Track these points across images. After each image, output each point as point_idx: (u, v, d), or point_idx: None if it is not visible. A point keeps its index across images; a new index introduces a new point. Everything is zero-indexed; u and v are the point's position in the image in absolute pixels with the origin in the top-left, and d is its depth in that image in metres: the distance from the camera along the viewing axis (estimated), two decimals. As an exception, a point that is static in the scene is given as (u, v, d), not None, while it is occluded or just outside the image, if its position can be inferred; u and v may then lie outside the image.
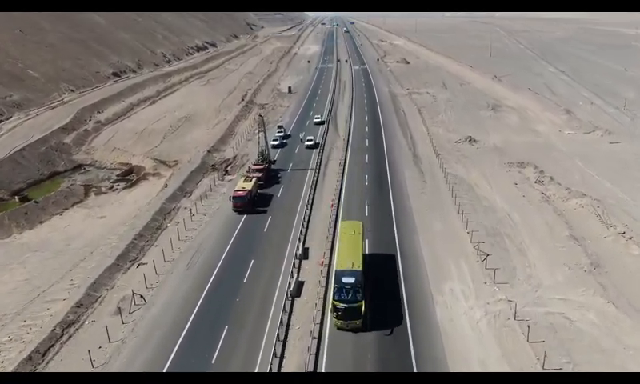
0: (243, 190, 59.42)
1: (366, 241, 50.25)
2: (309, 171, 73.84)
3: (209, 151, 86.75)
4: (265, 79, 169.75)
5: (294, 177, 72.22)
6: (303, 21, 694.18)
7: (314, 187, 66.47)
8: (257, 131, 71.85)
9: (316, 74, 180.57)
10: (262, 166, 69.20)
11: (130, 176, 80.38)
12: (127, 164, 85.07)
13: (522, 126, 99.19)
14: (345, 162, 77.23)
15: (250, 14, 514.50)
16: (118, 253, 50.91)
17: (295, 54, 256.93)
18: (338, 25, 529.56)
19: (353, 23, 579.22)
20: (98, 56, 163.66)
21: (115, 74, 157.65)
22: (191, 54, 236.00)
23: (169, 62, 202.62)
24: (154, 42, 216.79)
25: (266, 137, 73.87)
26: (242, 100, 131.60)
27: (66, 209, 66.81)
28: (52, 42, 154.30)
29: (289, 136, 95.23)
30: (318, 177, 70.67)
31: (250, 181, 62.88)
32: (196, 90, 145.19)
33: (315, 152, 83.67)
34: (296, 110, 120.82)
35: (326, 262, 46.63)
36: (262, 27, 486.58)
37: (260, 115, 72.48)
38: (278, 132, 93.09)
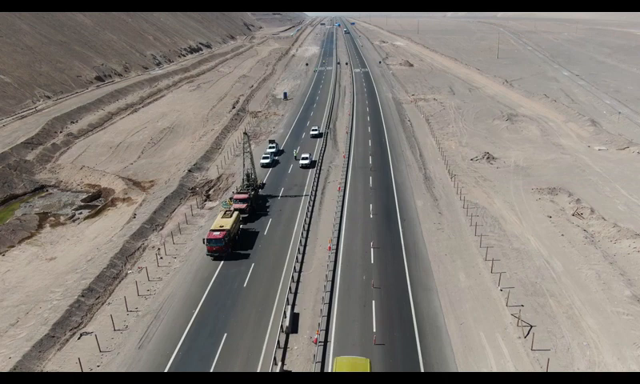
0: (220, 230, 48.39)
1: (372, 304, 39.36)
2: (303, 198, 62.85)
3: (190, 170, 75.72)
4: (259, 83, 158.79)
5: (286, 205, 61.20)
6: (302, 21, 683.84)
7: (308, 222, 55.47)
8: (243, 150, 60.81)
9: (314, 77, 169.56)
10: (245, 196, 58.02)
11: (96, 201, 69.37)
12: (95, 186, 74.03)
13: (544, 140, 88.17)
14: (345, 187, 66.25)
15: (248, 13, 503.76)
16: (57, 317, 39.95)
17: (293, 55, 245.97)
18: (339, 25, 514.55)
19: (353, 23, 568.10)
20: (80, 59, 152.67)
21: (99, 79, 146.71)
22: (184, 55, 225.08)
23: (159, 64, 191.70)
24: (144, 44, 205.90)
25: (252, 158, 62.88)
26: (233, 107, 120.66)
27: (12, 246, 55.83)
28: (30, 44, 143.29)
29: (281, 152, 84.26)
30: (313, 207, 59.72)
31: (230, 216, 51.88)
32: (184, 96, 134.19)
33: (311, 172, 72.69)
34: (291, 119, 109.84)
35: (321, 338, 35.66)
36: (260, 28, 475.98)
37: (245, 133, 61.31)
38: (270, 147, 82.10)
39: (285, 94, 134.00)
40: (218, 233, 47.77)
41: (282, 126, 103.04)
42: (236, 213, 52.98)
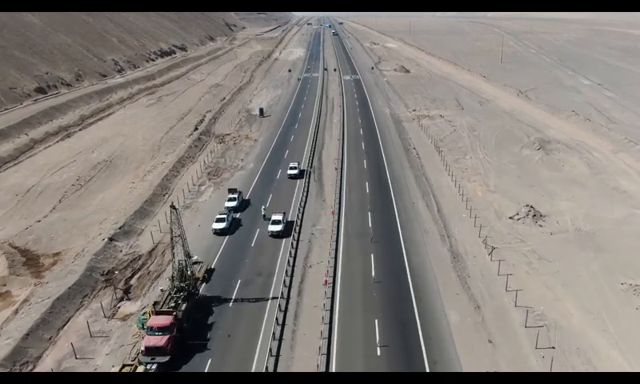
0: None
1: None
2: (269, 305, 40.11)
3: (112, 238, 52.68)
4: (234, 95, 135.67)
5: (240, 322, 38.41)
6: (288, 21, 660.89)
7: (274, 363, 32.86)
8: (171, 235, 37.84)
9: (298, 87, 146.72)
10: (168, 321, 34.51)
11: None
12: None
13: (597, 182, 66.50)
14: (335, 278, 43.61)
15: (231, 13, 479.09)
16: None
17: (276, 59, 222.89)
18: (329, 26, 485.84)
19: (341, 23, 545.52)
20: (19, 67, 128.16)
21: (40, 91, 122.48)
22: (152, 60, 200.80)
23: (120, 71, 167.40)
24: (106, 47, 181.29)
25: (184, 243, 39.67)
26: (195, 129, 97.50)
27: None
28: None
29: (246, 203, 61.30)
30: (284, 326, 37.05)
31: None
32: (138, 113, 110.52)
33: (285, 244, 50.04)
34: (266, 146, 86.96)
35: None
36: (244, 28, 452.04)
37: (172, 207, 38.06)
38: (229, 200, 59.16)
39: (261, 109, 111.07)
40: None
41: (253, 158, 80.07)
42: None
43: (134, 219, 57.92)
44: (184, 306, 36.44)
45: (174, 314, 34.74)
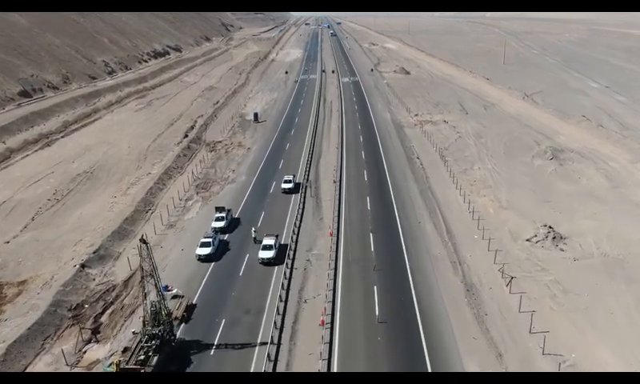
0: None
1: None
2: (256, 352, 34.59)
3: (85, 264, 47.23)
4: (228, 98, 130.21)
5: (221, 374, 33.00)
6: (286, 21, 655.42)
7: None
8: (141, 274, 32.27)
9: (294, 90, 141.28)
10: None
11: None
12: None
13: (618, 196, 61.19)
14: (333, 319, 38.08)
15: (228, 13, 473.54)
16: None
17: (272, 60, 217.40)
18: (328, 26, 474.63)
19: (340, 23, 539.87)
20: (2, 69, 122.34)
21: (24, 94, 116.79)
22: (145, 61, 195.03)
23: (111, 73, 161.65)
24: (96, 48, 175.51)
25: (157, 282, 34.03)
26: (185, 136, 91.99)
27: None
28: None
29: (236, 222, 55.76)
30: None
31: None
32: (126, 118, 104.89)
33: (276, 275, 44.52)
34: (259, 155, 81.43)
35: None
36: (240, 28, 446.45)
37: (143, 240, 32.46)
38: (217, 219, 53.62)
39: (255, 114, 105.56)
40: None
41: (245, 169, 74.53)
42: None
43: (111, 241, 52.41)
44: (155, 358, 30.93)
45: (142, 371, 29.21)
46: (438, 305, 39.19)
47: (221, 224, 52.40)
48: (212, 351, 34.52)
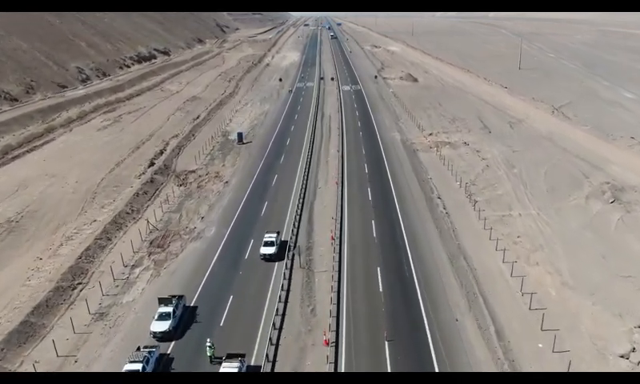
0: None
1: None
2: None
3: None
4: (211, 112, 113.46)
5: None
6: (285, 21, 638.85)
7: None
8: None
9: (288, 101, 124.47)
10: None
11: None
12: None
13: None
14: None
15: (224, 13, 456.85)
16: None
17: (267, 65, 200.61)
18: (329, 27, 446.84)
19: (340, 24, 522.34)
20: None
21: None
22: (128, 66, 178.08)
23: (85, 80, 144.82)
24: (71, 53, 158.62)
25: None
26: (152, 164, 75.21)
27: None
28: None
29: (190, 315, 38.70)
30: None
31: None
32: (83, 140, 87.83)
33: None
34: (237, 195, 64.38)
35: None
36: (237, 29, 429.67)
37: None
38: (160, 317, 36.50)
39: (240, 135, 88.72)
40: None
41: (218, 216, 57.59)
42: None
43: (5, 347, 35.71)
44: None
45: None
46: None
47: (164, 326, 35.52)
48: None
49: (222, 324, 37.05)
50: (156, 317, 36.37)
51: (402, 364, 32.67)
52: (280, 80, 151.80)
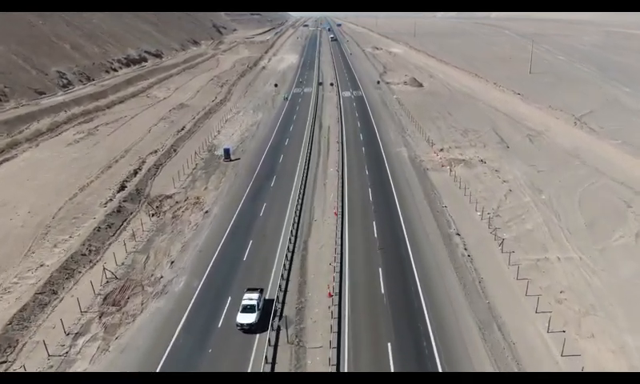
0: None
1: None
2: None
3: None
4: (198, 122, 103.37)
5: None
6: (284, 22, 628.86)
7: None
8: None
9: (284, 110, 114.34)
10: None
11: None
12: None
13: None
14: None
15: (221, 14, 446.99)
16: None
17: (263, 68, 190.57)
18: (329, 28, 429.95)
19: (340, 25, 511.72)
20: None
21: None
22: (115, 70, 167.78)
23: (66, 85, 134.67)
24: (52, 56, 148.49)
25: None
26: (122, 187, 65.10)
27: None
28: None
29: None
30: None
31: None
32: (48, 157, 77.44)
33: None
34: (218, 229, 54.05)
35: None
36: (234, 30, 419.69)
37: None
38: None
39: (227, 151, 78.58)
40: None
41: (191, 262, 47.25)
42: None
43: None
44: None
45: None
46: None
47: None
48: None
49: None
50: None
51: None
52: (276, 85, 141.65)
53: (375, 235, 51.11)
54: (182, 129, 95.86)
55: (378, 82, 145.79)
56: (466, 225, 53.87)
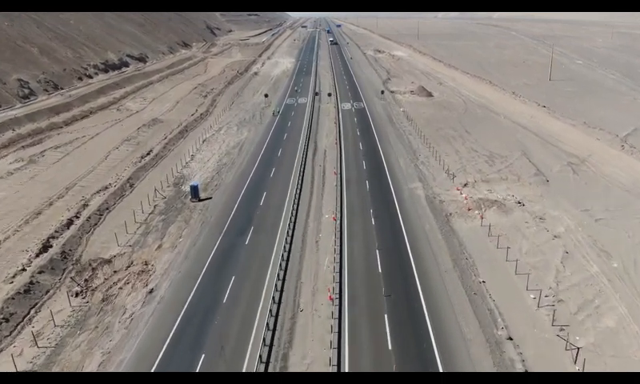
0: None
1: None
2: None
3: None
4: (169, 143, 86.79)
5: None
6: (282, 23, 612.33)
7: None
8: None
9: (273, 127, 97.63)
10: None
11: None
12: None
13: None
14: None
15: (216, 14, 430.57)
16: None
17: (255, 74, 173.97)
18: (329, 31, 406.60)
19: (339, 26, 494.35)
20: None
21: None
22: (90, 77, 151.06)
23: (27, 96, 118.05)
24: (16, 62, 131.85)
25: None
26: (45, 248, 48.38)
27: None
28: None
29: None
30: None
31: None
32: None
33: None
34: (162, 324, 37.35)
35: None
36: (230, 31, 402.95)
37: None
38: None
39: (195, 188, 61.74)
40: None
41: None
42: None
43: None
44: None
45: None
46: None
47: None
48: None
49: None
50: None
51: None
52: (266, 96, 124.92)
53: (389, 345, 34.34)
54: (148, 154, 79.21)
55: (382, 92, 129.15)
56: (518, 318, 37.32)
